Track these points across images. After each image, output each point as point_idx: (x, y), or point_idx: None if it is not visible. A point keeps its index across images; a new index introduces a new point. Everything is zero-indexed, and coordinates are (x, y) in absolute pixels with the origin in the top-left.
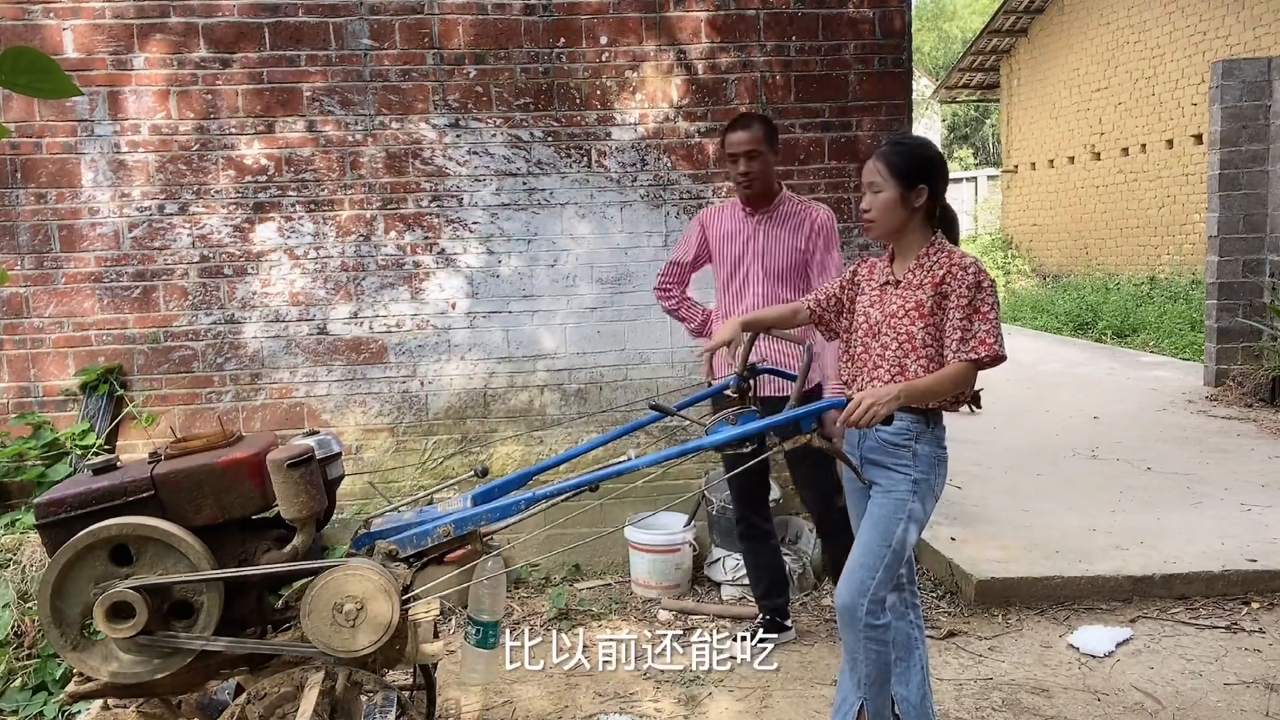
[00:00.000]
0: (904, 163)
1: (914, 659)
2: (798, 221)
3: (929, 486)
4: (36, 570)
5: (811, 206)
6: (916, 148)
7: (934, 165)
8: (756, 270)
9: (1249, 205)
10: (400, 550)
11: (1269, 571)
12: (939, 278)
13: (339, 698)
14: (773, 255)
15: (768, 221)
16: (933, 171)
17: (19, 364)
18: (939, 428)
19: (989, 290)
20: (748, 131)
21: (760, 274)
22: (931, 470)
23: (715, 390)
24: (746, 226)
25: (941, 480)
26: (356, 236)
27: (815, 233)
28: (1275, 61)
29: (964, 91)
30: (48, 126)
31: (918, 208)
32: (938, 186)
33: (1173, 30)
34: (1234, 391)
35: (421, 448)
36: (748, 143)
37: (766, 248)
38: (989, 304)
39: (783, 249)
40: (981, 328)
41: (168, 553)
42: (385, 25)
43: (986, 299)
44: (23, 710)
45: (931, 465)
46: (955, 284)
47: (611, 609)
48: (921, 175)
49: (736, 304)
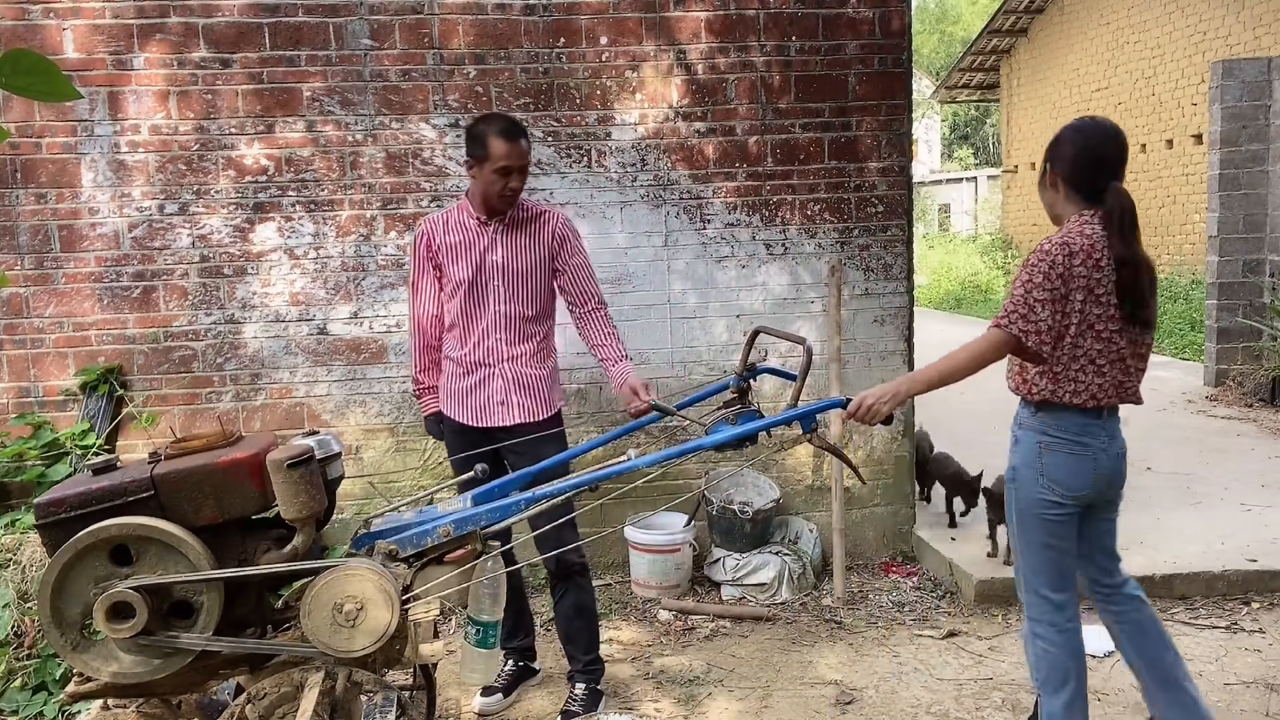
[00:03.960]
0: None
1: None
2: (536, 228)
3: (1032, 475)
4: (36, 570)
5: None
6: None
7: (1055, 145)
8: (497, 283)
9: (1249, 205)
10: (400, 550)
11: (1269, 571)
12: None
13: (339, 698)
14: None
15: (504, 230)
16: (1053, 150)
17: (19, 364)
18: (1050, 415)
19: (1029, 265)
20: (522, 143)
21: (501, 287)
22: (1033, 460)
23: (715, 390)
24: (483, 237)
25: (1054, 470)
26: (356, 237)
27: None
28: (1275, 61)
29: (964, 91)
30: (48, 127)
31: (1050, 187)
32: (1059, 167)
33: (1173, 30)
34: (1234, 391)
35: (421, 448)
36: (524, 155)
37: (507, 259)
38: (1020, 278)
39: (525, 260)
40: (1005, 300)
41: (168, 553)
42: (385, 25)
43: (1023, 271)
44: (23, 710)
45: (1033, 454)
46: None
47: (611, 609)
48: (1048, 155)
49: (473, 323)
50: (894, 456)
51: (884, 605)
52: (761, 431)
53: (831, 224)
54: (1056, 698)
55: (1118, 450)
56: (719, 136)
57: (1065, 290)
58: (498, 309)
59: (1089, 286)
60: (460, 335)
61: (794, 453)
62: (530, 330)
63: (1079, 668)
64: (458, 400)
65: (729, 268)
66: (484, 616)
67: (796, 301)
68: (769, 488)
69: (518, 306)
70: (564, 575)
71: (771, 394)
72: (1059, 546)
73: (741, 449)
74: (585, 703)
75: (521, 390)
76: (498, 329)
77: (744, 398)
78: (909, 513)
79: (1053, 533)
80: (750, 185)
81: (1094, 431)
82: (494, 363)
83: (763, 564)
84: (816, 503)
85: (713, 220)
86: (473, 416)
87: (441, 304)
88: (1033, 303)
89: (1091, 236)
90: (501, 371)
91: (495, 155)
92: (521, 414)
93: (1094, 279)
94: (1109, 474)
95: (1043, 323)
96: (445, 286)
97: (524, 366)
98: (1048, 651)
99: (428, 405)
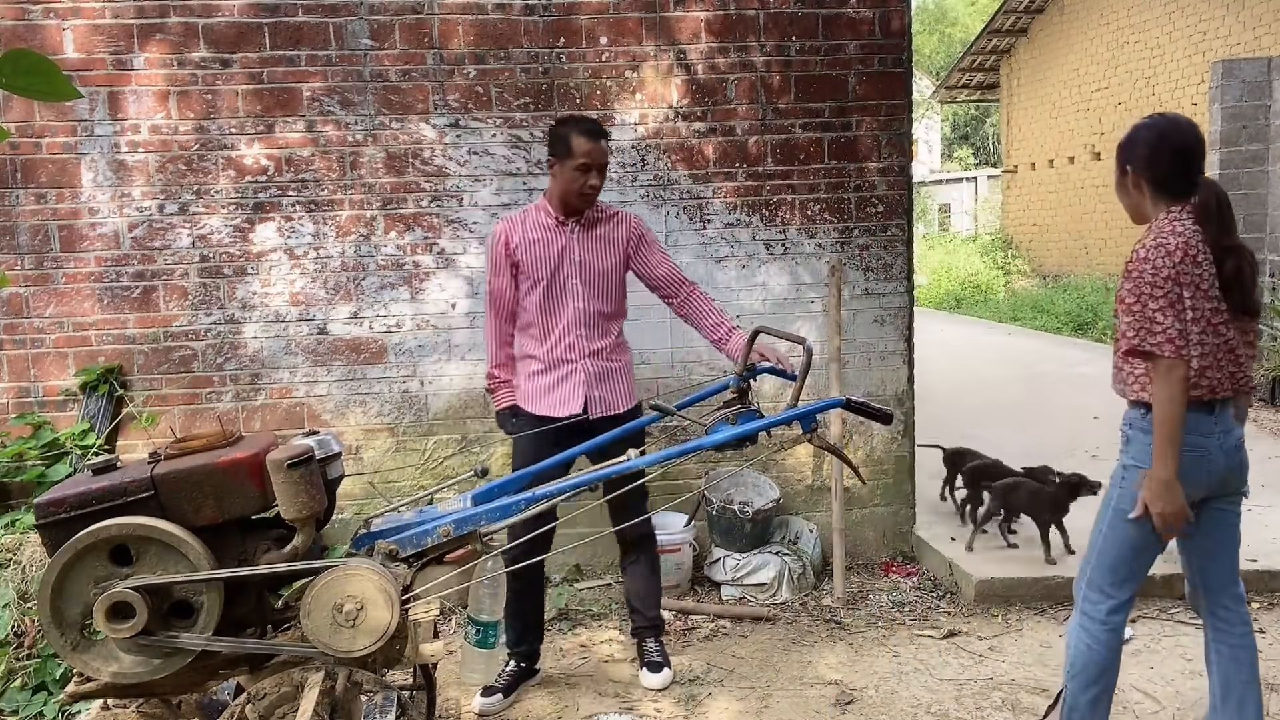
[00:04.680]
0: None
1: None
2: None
3: (1137, 474)
4: (36, 570)
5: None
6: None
7: (1131, 145)
8: (575, 281)
9: (1249, 205)
10: (400, 550)
11: (1269, 571)
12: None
13: (339, 698)
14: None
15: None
16: (1129, 151)
17: (19, 364)
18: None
19: (1133, 277)
20: (603, 143)
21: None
22: (1145, 461)
23: (715, 390)
24: (560, 236)
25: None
26: (356, 237)
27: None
28: (1275, 61)
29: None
30: (48, 127)
31: (1133, 190)
32: (1139, 168)
33: (1173, 30)
34: None
35: (421, 448)
36: (605, 156)
37: (585, 258)
38: (1127, 294)
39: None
40: (1125, 320)
41: (168, 553)
42: (385, 25)
43: (1126, 284)
44: (23, 710)
45: (1146, 455)
46: (1124, 271)
47: (611, 609)
48: (1123, 157)
49: (553, 320)
50: (894, 456)
51: (884, 605)
52: (761, 431)
53: (831, 224)
54: (1086, 692)
55: (1234, 442)
56: (719, 136)
57: (1178, 291)
58: (576, 306)
59: (1195, 283)
60: (540, 332)
61: (794, 453)
62: (607, 326)
63: (1114, 668)
64: (540, 395)
65: (729, 268)
66: (484, 616)
67: (796, 301)
68: (769, 488)
69: (595, 303)
70: (638, 541)
71: (771, 394)
72: (1144, 548)
73: (741, 449)
74: (663, 653)
75: (601, 384)
76: (577, 325)
77: (744, 398)
78: (909, 513)
79: (1143, 535)
80: (750, 185)
81: (1208, 428)
82: (575, 358)
83: (763, 564)
84: (816, 503)
85: (713, 220)
86: (556, 409)
87: (518, 301)
88: (1152, 313)
89: (1184, 233)
90: (583, 366)
91: (577, 152)
92: (602, 407)
93: (1195, 274)
94: (1224, 471)
95: (1172, 329)
96: (522, 285)
97: (603, 361)
98: (1090, 648)
99: (502, 399)
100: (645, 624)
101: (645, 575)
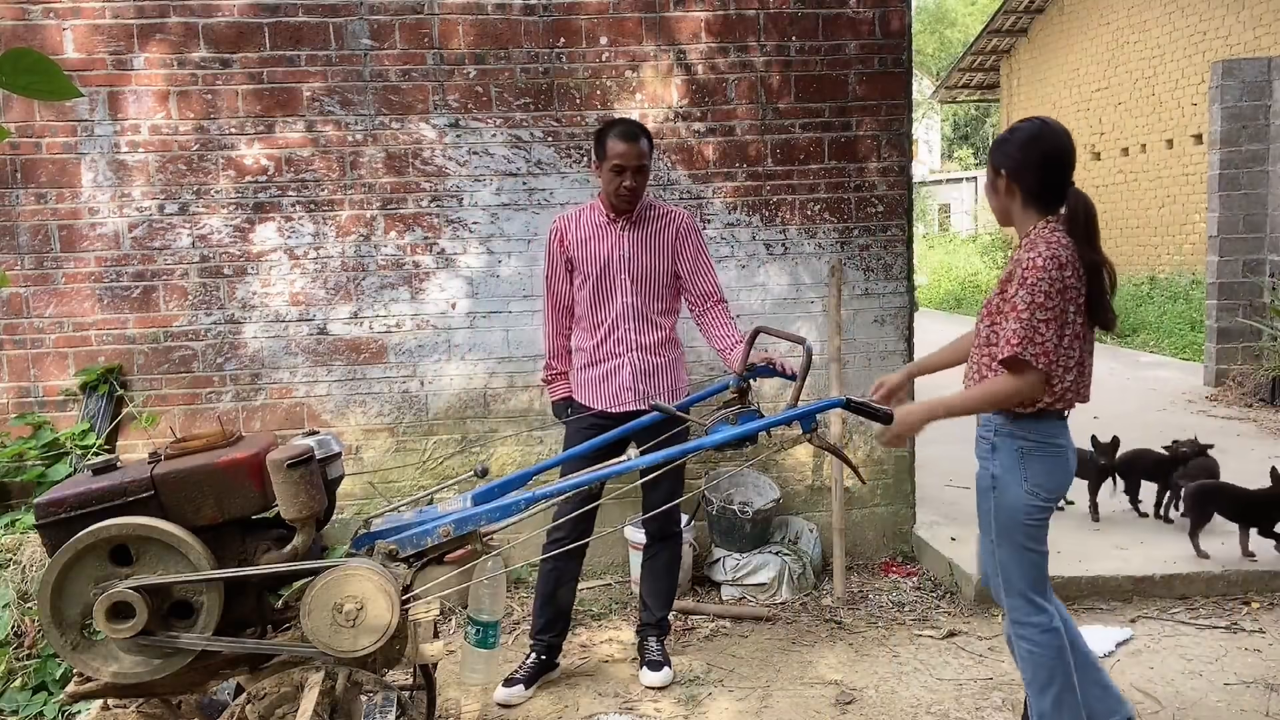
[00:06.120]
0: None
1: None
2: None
3: (1015, 481)
4: (36, 570)
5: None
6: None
7: (1004, 147)
8: (624, 278)
9: (1249, 205)
10: (400, 550)
11: (1269, 572)
12: (1008, 272)
13: (339, 698)
14: (640, 262)
15: (631, 228)
16: (1002, 153)
17: (19, 364)
18: (1030, 421)
19: (1028, 285)
20: (639, 144)
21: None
22: (1014, 466)
23: (715, 390)
24: (610, 233)
25: (1037, 474)
26: (356, 237)
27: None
28: (1275, 61)
29: (964, 91)
30: (48, 127)
31: (1004, 194)
32: (1012, 174)
33: (1173, 30)
34: (1234, 391)
35: (421, 448)
36: (639, 156)
37: (632, 255)
38: (1025, 299)
39: (650, 256)
40: (1010, 326)
41: (168, 553)
42: (385, 25)
43: (1021, 291)
44: (23, 710)
45: (1014, 461)
46: (1016, 277)
47: (611, 609)
48: (996, 159)
49: (602, 315)
50: (894, 456)
51: (884, 605)
52: (761, 431)
53: (831, 224)
54: (1044, 696)
55: (1074, 446)
56: (719, 137)
57: (1064, 306)
58: (625, 301)
59: (1075, 297)
60: (590, 326)
61: (794, 453)
62: (656, 321)
63: (1064, 665)
64: (590, 388)
65: (729, 268)
66: (484, 616)
67: (796, 301)
68: (769, 488)
69: (643, 299)
70: (665, 535)
71: (771, 394)
72: (1040, 549)
73: (741, 449)
74: (664, 653)
75: (649, 378)
76: (626, 320)
77: (744, 398)
78: (909, 513)
79: (1034, 536)
80: (750, 185)
81: (1064, 432)
82: (623, 352)
83: (763, 564)
84: (816, 503)
85: (713, 220)
86: (604, 403)
87: (572, 296)
88: (1037, 323)
89: (1069, 246)
90: (630, 360)
91: (611, 154)
92: (649, 401)
93: (1076, 289)
94: (1073, 471)
95: (1049, 342)
96: (575, 280)
97: (651, 355)
98: (1032, 652)
99: (557, 390)
100: (651, 622)
101: (662, 572)
